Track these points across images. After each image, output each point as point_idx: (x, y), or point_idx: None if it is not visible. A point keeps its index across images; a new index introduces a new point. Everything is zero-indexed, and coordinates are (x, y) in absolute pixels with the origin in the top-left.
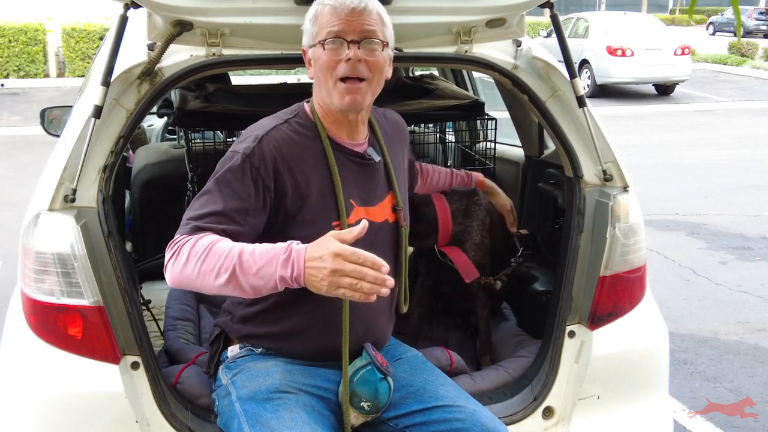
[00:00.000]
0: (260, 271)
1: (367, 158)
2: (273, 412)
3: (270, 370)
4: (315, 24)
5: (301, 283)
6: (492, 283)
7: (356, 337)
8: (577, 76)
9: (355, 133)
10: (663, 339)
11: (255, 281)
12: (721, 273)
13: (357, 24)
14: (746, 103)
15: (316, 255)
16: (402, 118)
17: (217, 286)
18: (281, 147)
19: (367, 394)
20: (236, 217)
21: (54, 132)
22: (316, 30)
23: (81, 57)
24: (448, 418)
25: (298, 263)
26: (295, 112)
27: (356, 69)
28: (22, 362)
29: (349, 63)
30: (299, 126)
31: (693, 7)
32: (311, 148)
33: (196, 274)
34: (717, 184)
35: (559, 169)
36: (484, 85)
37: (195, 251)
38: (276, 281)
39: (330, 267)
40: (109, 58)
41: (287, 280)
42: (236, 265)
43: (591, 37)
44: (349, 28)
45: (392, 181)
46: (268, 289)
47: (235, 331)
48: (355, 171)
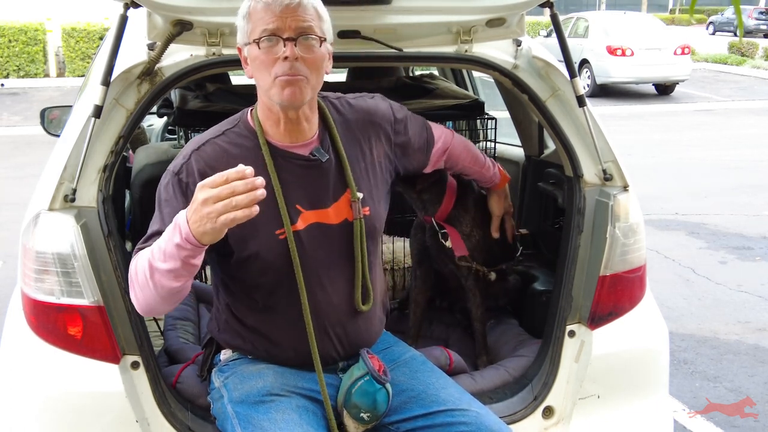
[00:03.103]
0: (165, 252)
1: (312, 159)
2: (265, 414)
3: (262, 372)
4: (249, 21)
5: (192, 240)
6: (486, 273)
7: (339, 339)
8: (577, 76)
9: (298, 133)
10: (663, 339)
11: (167, 266)
12: (721, 273)
13: (292, 20)
14: (746, 103)
15: (192, 207)
16: (382, 102)
17: (156, 293)
18: (212, 161)
19: (367, 405)
20: None
21: (54, 132)
22: (250, 27)
23: (81, 57)
24: (452, 422)
25: (183, 223)
26: (236, 122)
27: (294, 67)
28: (22, 362)
29: (287, 61)
30: (237, 136)
31: (693, 7)
32: (249, 157)
33: (140, 291)
34: (717, 183)
35: (559, 168)
36: (484, 85)
37: (132, 272)
38: (177, 253)
39: (199, 200)
40: (109, 57)
41: (182, 246)
42: (150, 261)
43: (591, 36)
44: (284, 25)
45: (347, 177)
46: (183, 266)
47: (223, 341)
48: (299, 174)
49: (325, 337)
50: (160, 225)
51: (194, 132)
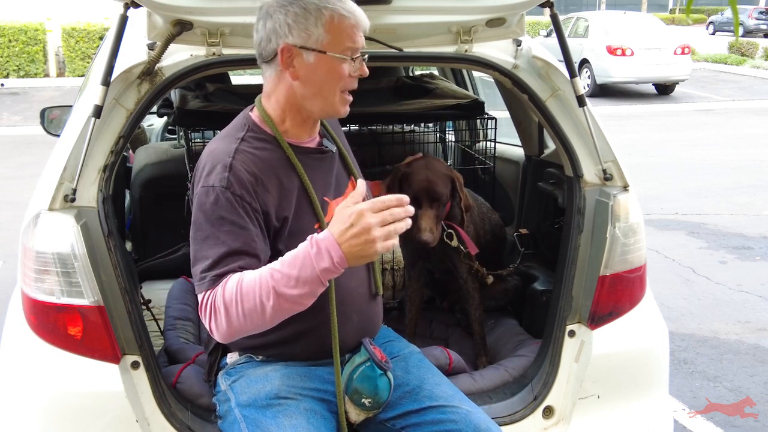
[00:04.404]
0: (299, 279)
1: (324, 150)
2: (273, 418)
3: (269, 375)
4: (328, 30)
5: (344, 264)
6: (484, 275)
7: (353, 326)
8: (577, 76)
9: (313, 130)
10: (663, 338)
11: (299, 291)
12: (721, 272)
13: (362, 39)
14: (746, 103)
15: (343, 227)
16: None
17: (269, 318)
18: (251, 167)
19: (368, 390)
20: (246, 250)
21: (54, 132)
22: (329, 38)
23: (81, 57)
24: (442, 419)
25: (333, 247)
26: (245, 126)
27: (355, 81)
28: (22, 362)
29: (354, 78)
30: (255, 140)
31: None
32: (276, 159)
33: (243, 317)
34: (717, 183)
35: (559, 168)
36: (484, 85)
37: (229, 299)
38: (319, 278)
39: (365, 226)
40: (109, 57)
41: (331, 270)
42: (273, 287)
43: (591, 36)
44: (361, 44)
45: (349, 165)
46: (317, 292)
47: (233, 344)
48: (317, 167)
49: (346, 322)
50: (226, 245)
51: (194, 132)
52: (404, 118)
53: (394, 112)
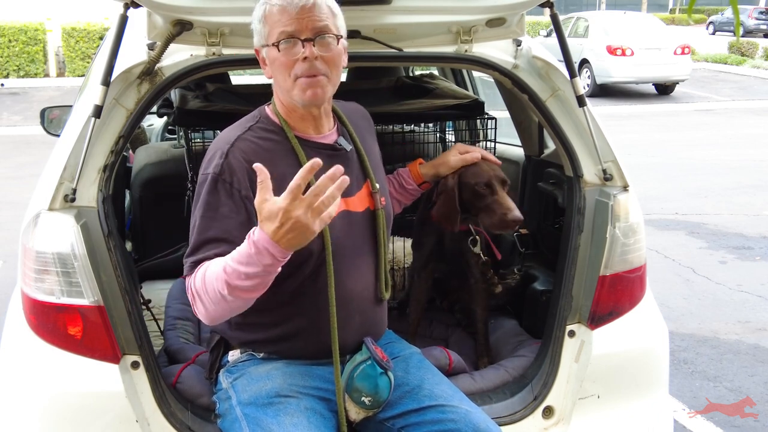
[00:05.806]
0: (248, 274)
1: (338, 148)
2: (274, 417)
3: (270, 373)
4: (265, 24)
5: (288, 254)
6: (495, 284)
7: (355, 328)
8: (577, 76)
9: (320, 127)
10: (663, 338)
11: (250, 283)
12: (721, 272)
13: (308, 21)
14: (746, 103)
15: (274, 227)
16: (364, 108)
17: (233, 305)
18: (249, 155)
19: (368, 389)
20: (225, 237)
21: (54, 132)
22: (267, 30)
23: (81, 57)
24: (442, 418)
25: (271, 245)
26: (257, 118)
27: (313, 67)
28: (22, 362)
29: (306, 61)
30: (263, 131)
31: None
32: (280, 150)
33: (212, 304)
34: (717, 183)
35: (559, 168)
36: (484, 85)
37: (200, 287)
38: (269, 272)
39: (294, 220)
40: (109, 57)
41: (276, 263)
42: (226, 280)
43: (591, 36)
44: (301, 26)
45: (366, 167)
46: (268, 282)
47: (234, 339)
48: (327, 164)
49: (348, 324)
50: (208, 231)
51: (194, 132)
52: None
53: (394, 112)
